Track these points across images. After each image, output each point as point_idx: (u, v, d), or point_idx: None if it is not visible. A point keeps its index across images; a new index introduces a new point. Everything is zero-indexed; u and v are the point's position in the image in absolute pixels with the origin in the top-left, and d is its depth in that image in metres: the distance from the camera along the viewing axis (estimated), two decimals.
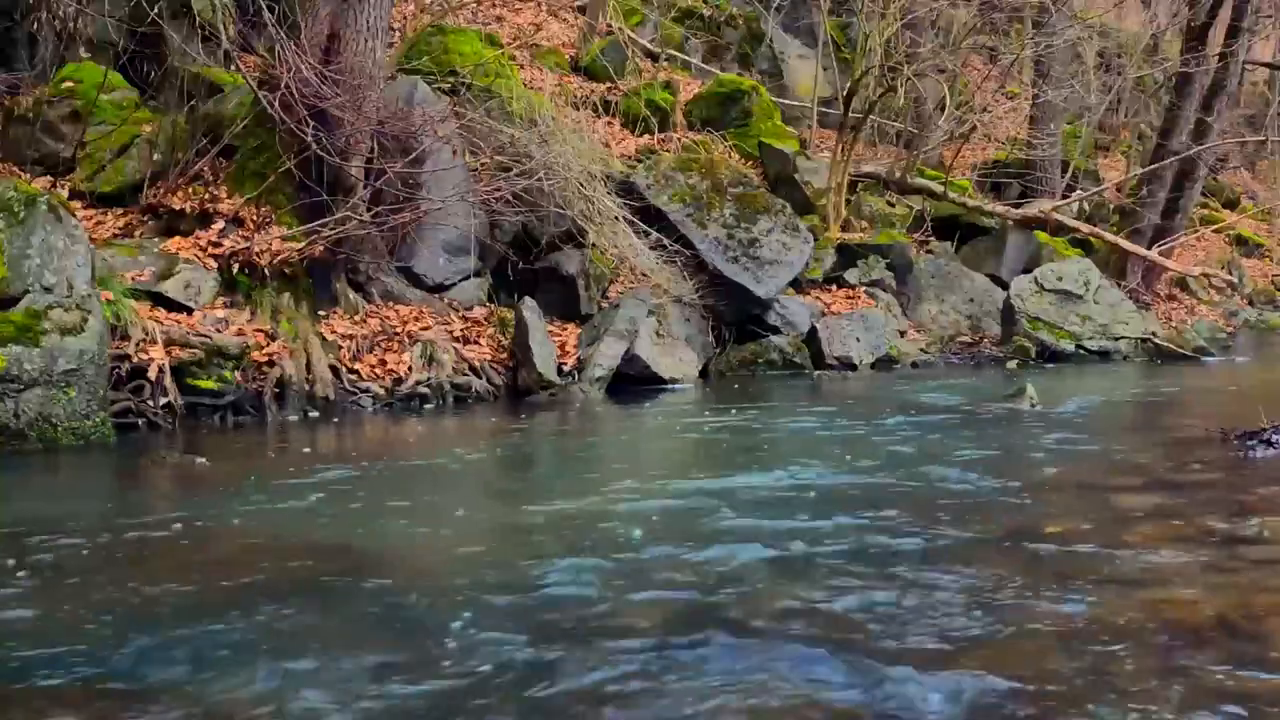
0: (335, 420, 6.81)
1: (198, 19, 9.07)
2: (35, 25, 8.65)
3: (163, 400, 6.29)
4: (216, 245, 7.34)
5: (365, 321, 7.69)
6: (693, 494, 4.31)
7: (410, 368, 7.53)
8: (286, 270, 7.38)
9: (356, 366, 7.36)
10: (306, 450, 5.82)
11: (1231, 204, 21.72)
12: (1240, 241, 20.04)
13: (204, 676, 2.39)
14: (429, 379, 7.52)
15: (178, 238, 7.43)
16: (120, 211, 7.85)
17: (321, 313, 7.51)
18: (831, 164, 12.49)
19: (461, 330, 8.11)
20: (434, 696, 2.28)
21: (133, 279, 6.84)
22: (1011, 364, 10.39)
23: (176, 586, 3.09)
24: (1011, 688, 2.27)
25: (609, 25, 13.31)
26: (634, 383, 8.28)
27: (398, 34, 10.69)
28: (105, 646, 2.57)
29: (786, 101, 14.67)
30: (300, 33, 7.49)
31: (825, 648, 2.49)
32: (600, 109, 11.77)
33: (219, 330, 6.83)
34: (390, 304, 7.96)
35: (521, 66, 11.18)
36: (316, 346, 7.16)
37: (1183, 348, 11.07)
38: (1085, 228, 13.55)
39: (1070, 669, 2.37)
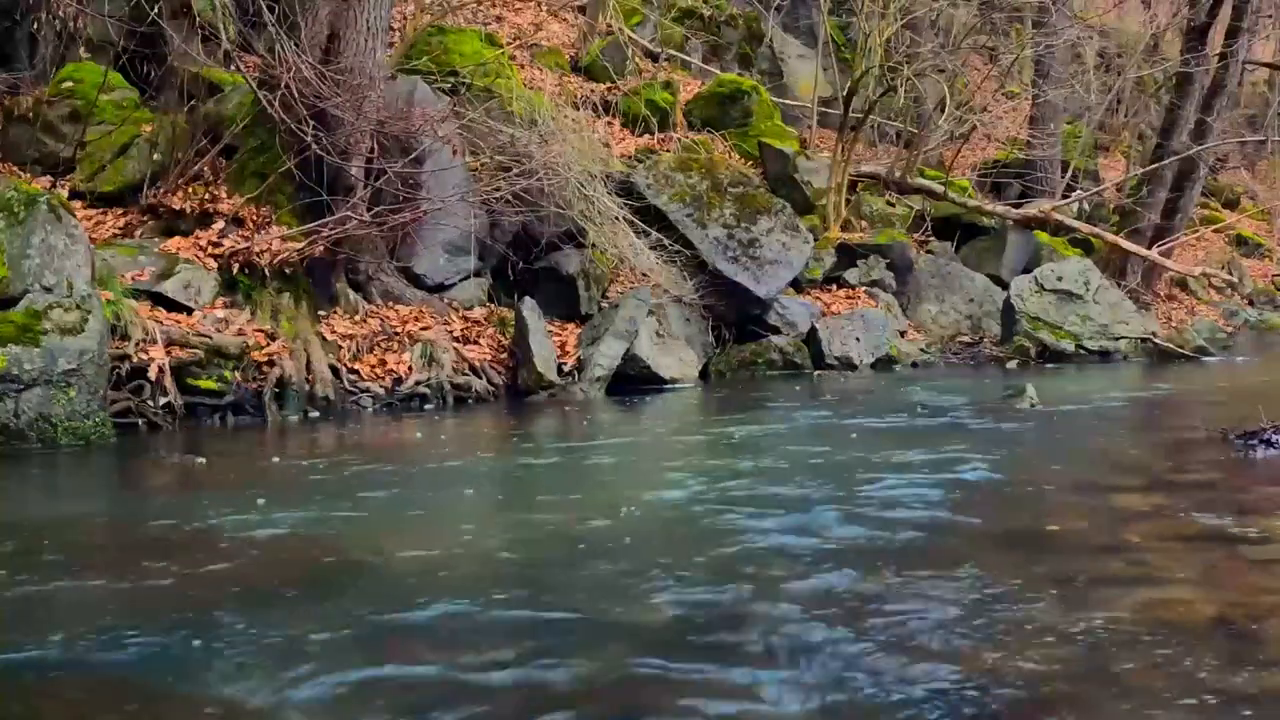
0: (335, 420, 6.80)
1: (198, 19, 9.07)
2: (35, 25, 8.66)
3: (163, 400, 6.29)
4: (216, 245, 7.34)
5: (365, 321, 7.69)
6: (696, 504, 4.31)
7: (410, 368, 7.53)
8: (286, 270, 7.39)
9: (356, 366, 7.37)
10: (307, 450, 5.82)
11: (1231, 204, 21.73)
12: (1240, 241, 20.05)
13: (202, 676, 2.39)
14: (429, 379, 7.53)
15: (178, 238, 7.44)
16: (120, 211, 7.86)
17: (321, 313, 7.51)
18: (831, 164, 12.49)
19: (461, 330, 8.11)
20: (426, 697, 2.29)
21: (133, 279, 6.84)
22: (1011, 364, 10.39)
23: (174, 587, 3.09)
24: (1010, 687, 2.27)
25: (609, 25, 13.30)
26: (634, 382, 8.28)
27: (398, 34, 10.68)
28: (104, 647, 2.57)
29: (786, 101, 14.65)
30: (300, 33, 7.49)
31: (819, 637, 2.50)
32: (600, 109, 11.76)
33: (219, 330, 6.83)
34: (390, 304, 7.96)
35: (521, 66, 11.18)
36: (316, 346, 7.16)
37: (1183, 348, 11.07)
38: (1085, 228, 13.55)
39: (1069, 669, 2.36)
